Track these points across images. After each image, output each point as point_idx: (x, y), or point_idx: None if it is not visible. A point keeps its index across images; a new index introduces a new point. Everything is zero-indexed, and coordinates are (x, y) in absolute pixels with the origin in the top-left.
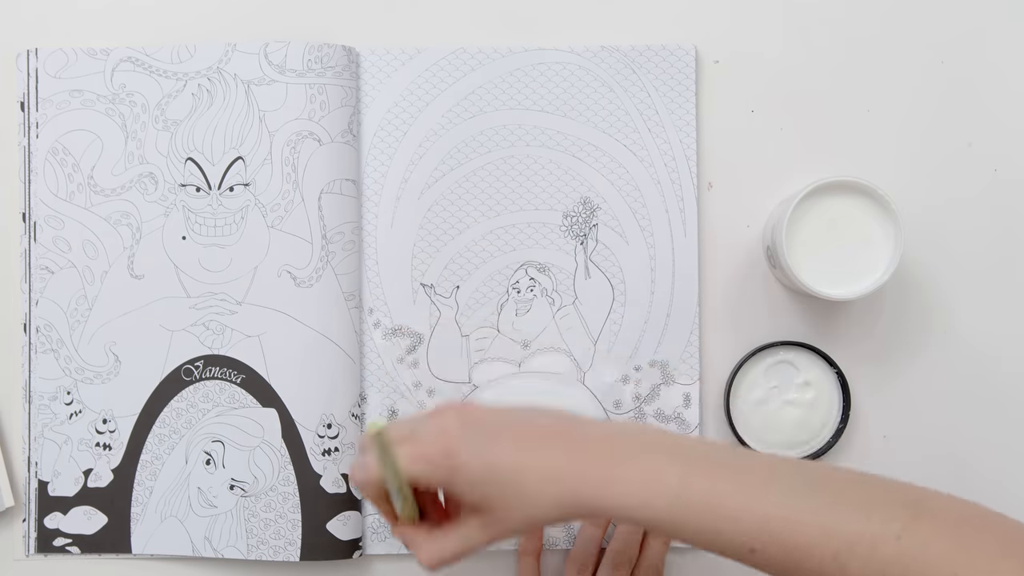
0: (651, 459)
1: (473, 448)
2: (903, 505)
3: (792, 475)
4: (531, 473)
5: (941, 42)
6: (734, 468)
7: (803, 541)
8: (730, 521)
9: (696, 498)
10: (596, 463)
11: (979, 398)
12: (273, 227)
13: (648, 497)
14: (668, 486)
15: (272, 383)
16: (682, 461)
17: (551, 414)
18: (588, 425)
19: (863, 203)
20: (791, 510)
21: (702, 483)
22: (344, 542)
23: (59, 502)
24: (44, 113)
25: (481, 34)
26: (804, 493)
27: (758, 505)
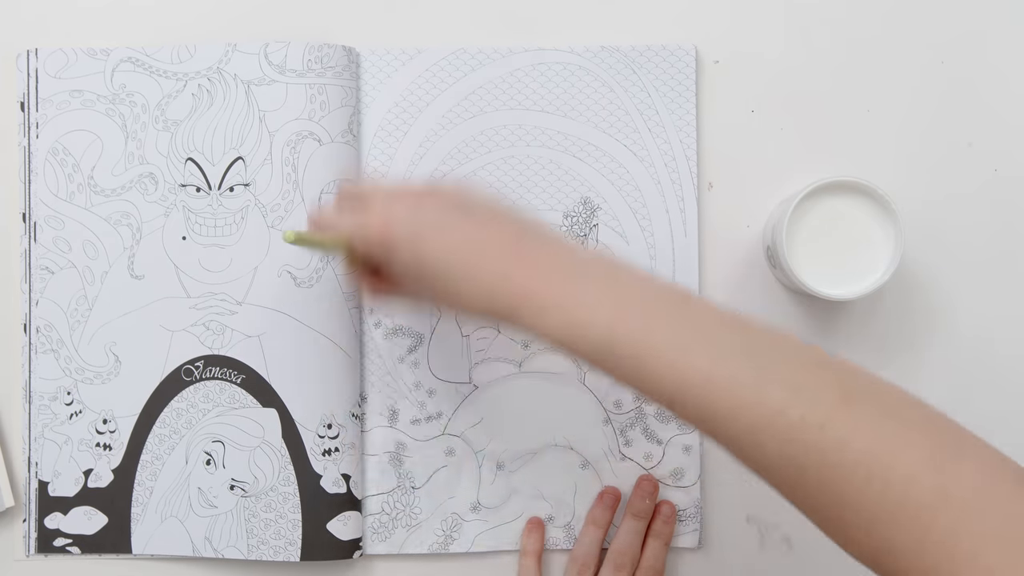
0: (587, 293)
1: (413, 238)
2: (833, 388)
3: (728, 337)
4: (465, 279)
5: (941, 42)
6: (668, 320)
7: (720, 409)
8: (651, 374)
9: (621, 345)
10: (533, 286)
11: (980, 397)
12: (273, 227)
13: (575, 333)
14: (597, 327)
15: (272, 383)
16: (616, 302)
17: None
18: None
19: (863, 203)
20: (714, 375)
21: (630, 331)
22: (344, 542)
23: (59, 502)
24: (44, 113)
25: (481, 34)
26: (734, 359)
27: (681, 366)
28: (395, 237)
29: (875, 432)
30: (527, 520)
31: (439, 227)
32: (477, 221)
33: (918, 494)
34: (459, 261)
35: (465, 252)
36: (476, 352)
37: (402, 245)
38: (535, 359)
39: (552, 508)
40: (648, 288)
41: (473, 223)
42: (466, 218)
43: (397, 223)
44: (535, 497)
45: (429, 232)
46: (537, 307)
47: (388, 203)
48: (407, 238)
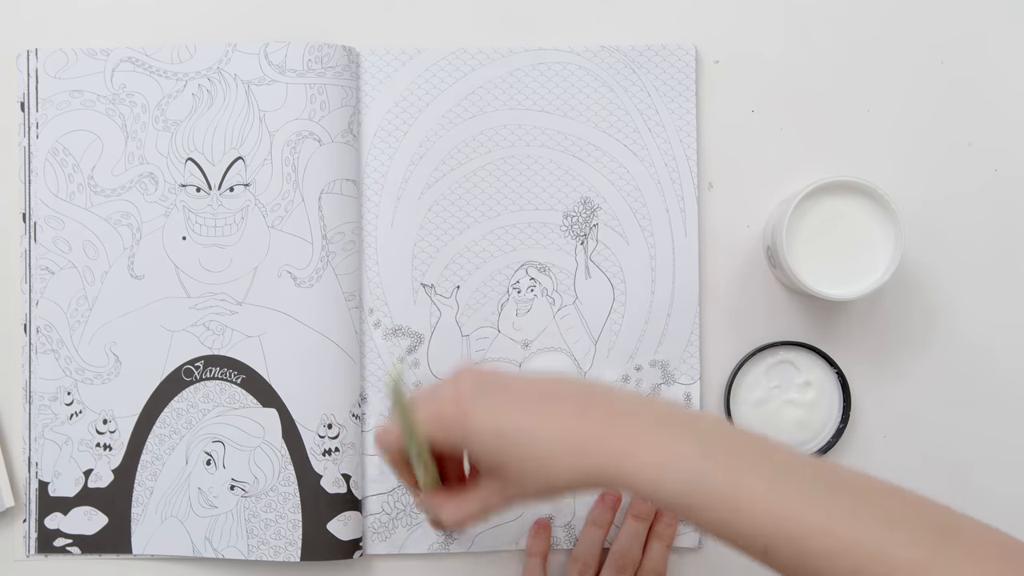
0: (671, 438)
1: (487, 410)
2: (931, 526)
3: (816, 474)
4: (547, 441)
5: (941, 42)
6: (755, 458)
7: (820, 549)
8: (745, 514)
9: (712, 485)
10: (615, 435)
11: (979, 398)
12: (273, 227)
13: (664, 477)
14: (685, 468)
15: (272, 383)
16: (702, 443)
17: (574, 382)
18: (610, 395)
19: (863, 203)
20: (810, 513)
21: (720, 470)
22: (344, 542)
23: (59, 502)
24: (44, 113)
25: (481, 34)
26: (826, 496)
27: (776, 502)
28: (472, 411)
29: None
30: (534, 521)
31: (511, 394)
32: (542, 384)
33: None
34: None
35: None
36: (476, 352)
37: (480, 417)
38: (535, 359)
39: (552, 508)
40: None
41: (539, 386)
42: (531, 383)
43: (470, 398)
44: None
45: (502, 399)
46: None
47: (452, 386)
48: (483, 409)
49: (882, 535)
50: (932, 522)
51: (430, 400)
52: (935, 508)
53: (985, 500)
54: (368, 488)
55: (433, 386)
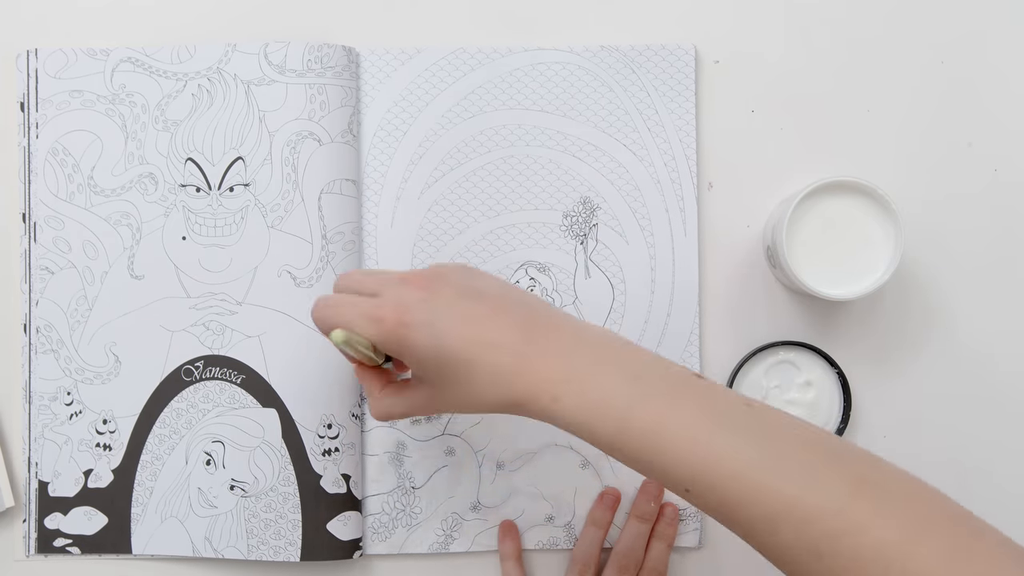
0: (603, 379)
1: (427, 327)
2: (851, 475)
3: (743, 419)
4: (481, 366)
5: (941, 42)
6: (684, 400)
7: (737, 496)
8: (668, 458)
9: (638, 430)
10: (549, 370)
11: (979, 398)
12: (273, 227)
13: (592, 419)
14: (613, 413)
15: (272, 383)
16: (631, 386)
17: (520, 302)
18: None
19: (863, 203)
20: (730, 459)
21: (647, 416)
22: (344, 542)
23: (59, 502)
24: (44, 113)
25: (481, 34)
26: (750, 443)
27: (698, 450)
28: (411, 324)
29: (892, 522)
30: (499, 525)
31: (453, 314)
32: (489, 307)
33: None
34: (474, 346)
35: (481, 338)
36: None
37: (418, 332)
38: None
39: (552, 508)
40: (661, 371)
41: (486, 309)
42: (478, 304)
43: (412, 310)
44: (535, 497)
45: (445, 319)
46: (552, 393)
47: (399, 290)
48: (423, 324)
49: (800, 483)
50: (853, 471)
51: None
52: (860, 458)
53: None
54: (368, 488)
55: (379, 281)
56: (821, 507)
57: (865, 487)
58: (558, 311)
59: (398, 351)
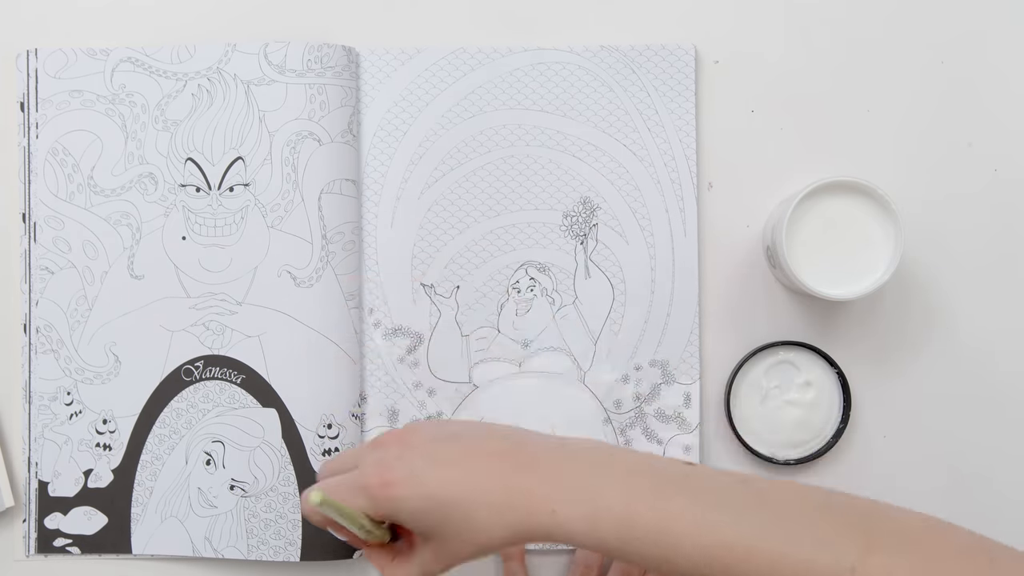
0: (598, 486)
1: (412, 479)
2: (857, 531)
3: (743, 498)
4: (476, 505)
5: (941, 42)
6: (681, 491)
7: (752, 570)
8: (677, 549)
9: (642, 525)
10: (543, 490)
11: (979, 398)
12: (273, 227)
13: (596, 528)
14: (614, 518)
15: (272, 383)
16: (628, 488)
17: (498, 435)
18: (535, 447)
19: (863, 203)
20: (740, 538)
21: (648, 509)
22: (344, 542)
23: (59, 502)
24: (44, 113)
25: (481, 34)
26: (755, 519)
27: (706, 533)
28: (394, 481)
29: (906, 571)
30: None
31: (432, 460)
32: (466, 445)
33: None
34: (465, 486)
35: (467, 476)
36: (476, 352)
37: (404, 487)
38: (535, 359)
39: None
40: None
41: (462, 448)
42: (454, 444)
43: (391, 468)
44: None
45: (425, 467)
46: (547, 509)
47: (375, 454)
48: (406, 478)
49: (810, 547)
50: (860, 527)
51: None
52: (865, 511)
53: (985, 500)
54: None
55: (356, 455)
56: (835, 568)
57: (874, 540)
58: (536, 432)
59: (391, 512)
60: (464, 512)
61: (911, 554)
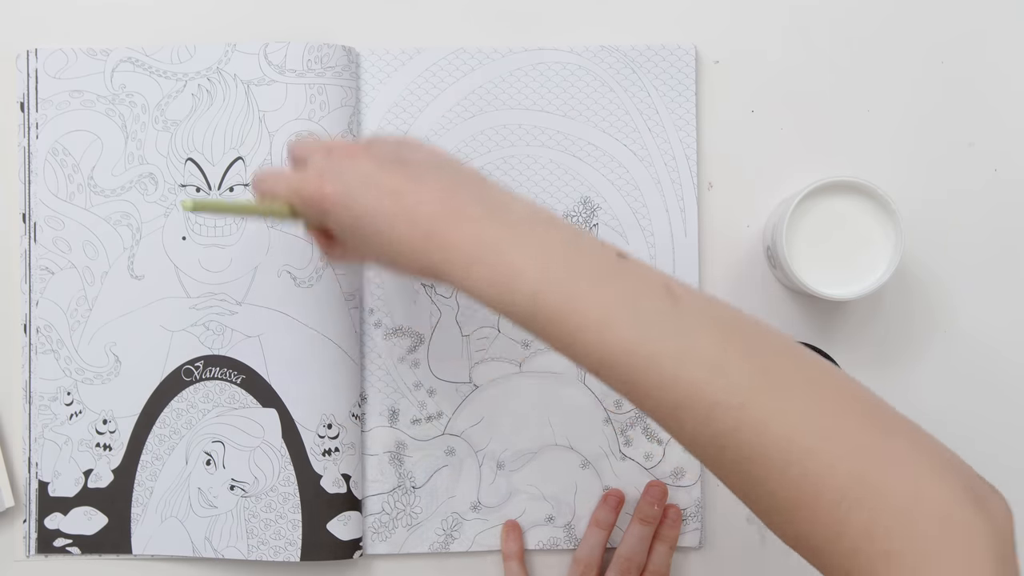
0: (514, 252)
1: (346, 197)
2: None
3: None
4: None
5: (941, 42)
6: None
7: (645, 384)
8: (576, 343)
9: (545, 310)
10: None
11: (979, 397)
12: (273, 227)
13: (501, 294)
14: (522, 290)
15: (272, 383)
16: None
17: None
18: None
19: (863, 203)
20: (636, 350)
21: (555, 297)
22: (344, 542)
23: (59, 503)
24: (44, 114)
25: (481, 34)
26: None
27: (608, 336)
28: (328, 196)
29: (796, 416)
30: (503, 524)
31: (370, 182)
32: (410, 174)
33: (836, 484)
34: (388, 216)
35: (394, 207)
36: (476, 352)
37: (335, 203)
38: (535, 359)
39: (552, 508)
40: (578, 249)
41: (405, 176)
42: (399, 171)
43: (330, 181)
44: (535, 497)
45: (360, 188)
46: (463, 263)
47: (324, 160)
48: (340, 195)
49: (706, 375)
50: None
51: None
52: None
53: None
54: (368, 488)
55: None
56: (723, 400)
57: (771, 378)
58: (487, 181)
59: (317, 217)
60: (384, 241)
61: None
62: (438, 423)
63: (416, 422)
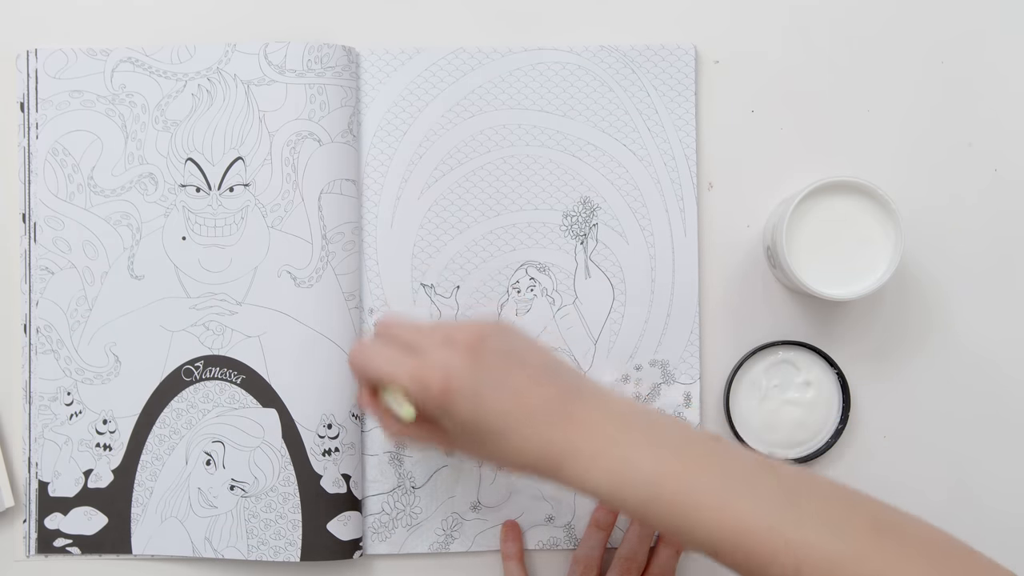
0: (630, 447)
1: (473, 396)
2: (867, 524)
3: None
4: (514, 437)
5: (941, 42)
6: (707, 470)
7: (765, 553)
8: (696, 523)
9: (666, 497)
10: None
11: (979, 398)
12: (273, 227)
13: (619, 487)
14: (641, 481)
15: (272, 383)
16: (657, 455)
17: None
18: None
19: (863, 203)
20: (757, 520)
21: (673, 482)
22: (344, 542)
23: (59, 503)
24: (44, 114)
25: (481, 34)
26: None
27: (725, 515)
28: (456, 393)
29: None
30: (502, 525)
31: (496, 383)
32: (530, 376)
33: None
34: (515, 421)
35: (520, 411)
36: None
37: (462, 402)
38: None
39: (552, 508)
40: (686, 438)
41: (527, 378)
42: (520, 372)
43: (458, 378)
44: (535, 497)
45: (489, 389)
46: (582, 463)
47: (444, 354)
48: (469, 396)
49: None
50: (872, 518)
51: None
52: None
53: (985, 500)
54: (368, 488)
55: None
56: (844, 553)
57: (884, 532)
58: (588, 379)
59: (436, 413)
60: (502, 439)
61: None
62: None
63: None
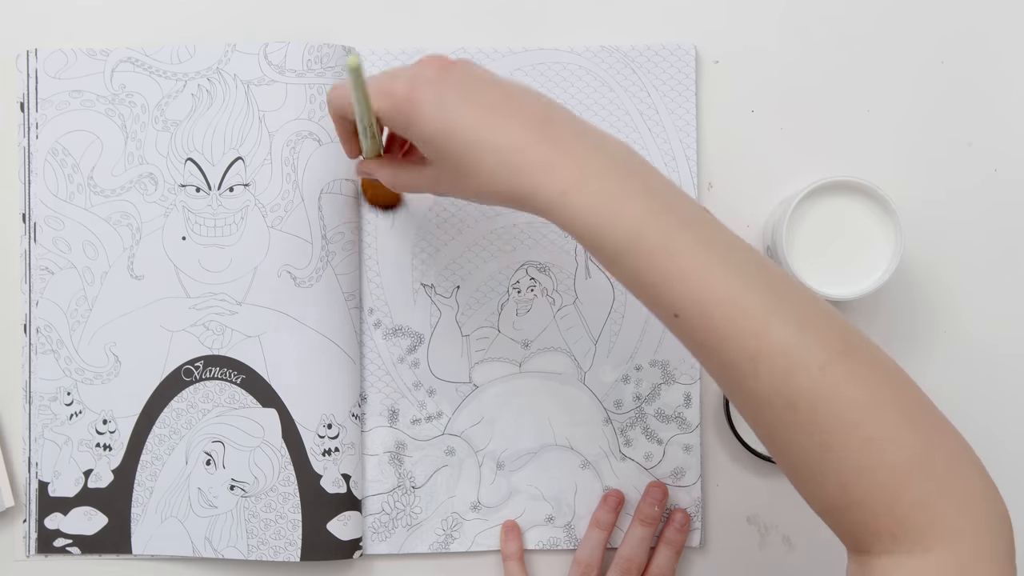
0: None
1: (438, 103)
2: (836, 336)
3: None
4: (489, 153)
5: (941, 41)
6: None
7: (729, 331)
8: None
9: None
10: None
11: (980, 397)
12: (273, 227)
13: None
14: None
15: (272, 383)
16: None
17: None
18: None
19: (863, 203)
20: (729, 297)
21: (657, 235)
22: (344, 542)
23: (59, 503)
24: (44, 114)
25: (481, 34)
26: (752, 286)
27: (706, 278)
28: (421, 100)
29: (869, 385)
30: (502, 525)
31: (467, 93)
32: (505, 92)
33: (897, 453)
34: (483, 128)
35: (490, 120)
36: (476, 352)
37: (427, 107)
38: (535, 359)
39: (552, 508)
40: (677, 194)
41: (501, 93)
42: (491, 90)
43: (424, 86)
44: (535, 497)
45: (455, 97)
46: (560, 187)
47: (414, 69)
48: (433, 101)
49: (793, 333)
50: (840, 334)
51: (386, 77)
52: (846, 323)
53: None
54: (368, 488)
55: (396, 68)
56: (807, 361)
57: (848, 349)
58: (579, 118)
59: (405, 125)
60: (475, 155)
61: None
62: (438, 423)
63: (416, 422)
